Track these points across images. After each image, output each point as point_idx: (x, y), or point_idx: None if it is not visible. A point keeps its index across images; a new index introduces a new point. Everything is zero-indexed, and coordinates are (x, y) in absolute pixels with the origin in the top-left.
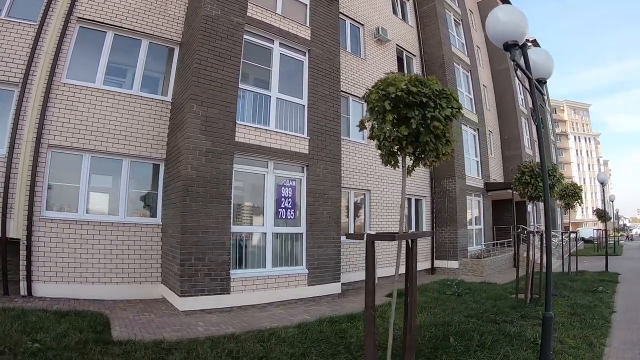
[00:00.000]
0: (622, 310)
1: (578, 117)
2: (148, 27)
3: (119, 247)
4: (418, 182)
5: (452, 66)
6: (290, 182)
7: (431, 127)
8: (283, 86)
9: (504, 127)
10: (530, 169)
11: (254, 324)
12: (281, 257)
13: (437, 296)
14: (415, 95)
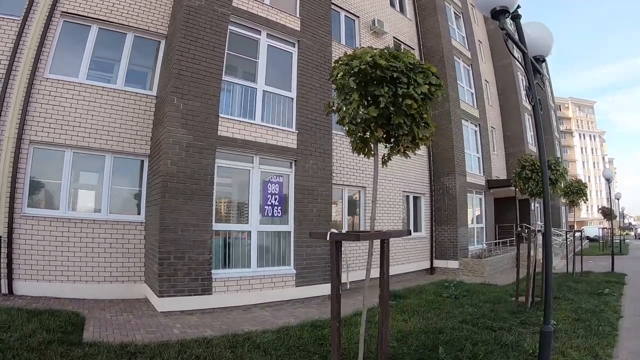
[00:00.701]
0: (630, 315)
1: (583, 115)
2: (133, 20)
3: (101, 245)
4: (416, 179)
5: (452, 60)
6: (277, 178)
7: (404, 106)
8: (270, 78)
9: (507, 123)
10: (531, 162)
11: (234, 327)
12: (267, 256)
13: (433, 299)
14: (385, 70)
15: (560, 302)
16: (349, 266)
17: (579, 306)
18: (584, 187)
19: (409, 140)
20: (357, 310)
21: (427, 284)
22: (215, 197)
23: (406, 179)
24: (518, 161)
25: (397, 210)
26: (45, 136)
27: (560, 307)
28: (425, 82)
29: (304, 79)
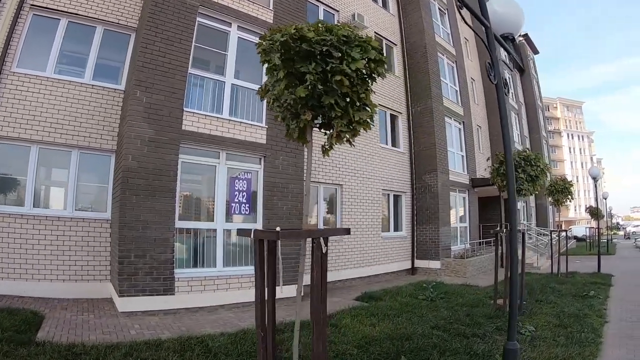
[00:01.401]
0: (616, 320)
1: (571, 115)
2: (103, 13)
3: (66, 242)
4: (397, 177)
5: (436, 55)
6: (246, 175)
7: (334, 84)
8: (240, 72)
9: (493, 122)
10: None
11: (194, 329)
12: (234, 255)
13: (408, 301)
14: (314, 44)
15: (542, 306)
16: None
17: (562, 310)
18: (569, 186)
19: (344, 124)
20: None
21: (406, 285)
22: (178, 194)
23: (386, 176)
24: (496, 157)
25: (375, 209)
26: (11, 131)
27: (541, 312)
28: (362, 56)
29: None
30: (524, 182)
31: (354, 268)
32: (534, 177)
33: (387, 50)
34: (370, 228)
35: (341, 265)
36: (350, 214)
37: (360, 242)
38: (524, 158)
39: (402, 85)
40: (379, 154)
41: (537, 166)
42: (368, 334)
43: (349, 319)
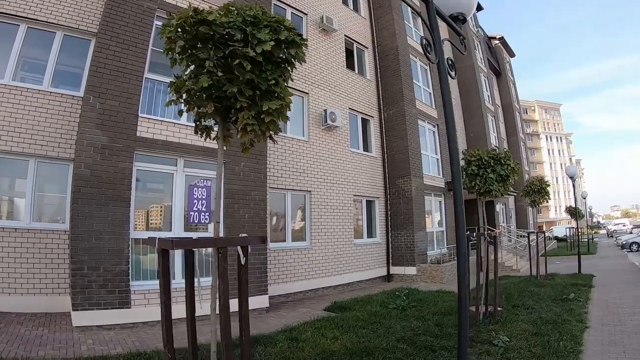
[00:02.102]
0: (598, 325)
1: (549, 117)
2: (63, 19)
3: (23, 255)
4: (370, 182)
5: (408, 58)
6: (205, 182)
7: (235, 70)
8: None
9: (470, 124)
10: (477, 157)
11: (148, 344)
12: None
13: (377, 311)
14: (215, 26)
15: (519, 312)
16: (299, 274)
17: (539, 316)
18: (545, 186)
19: (251, 116)
20: (286, 326)
21: (378, 293)
22: (133, 203)
23: (357, 181)
24: (463, 155)
25: (346, 215)
26: None
27: (517, 319)
28: (271, 37)
29: None
30: (493, 182)
31: (325, 277)
32: (504, 176)
33: (359, 54)
34: (342, 235)
35: (311, 275)
36: (320, 221)
37: (331, 250)
38: (494, 157)
39: (373, 89)
40: (349, 159)
41: (507, 165)
42: (328, 348)
43: (311, 331)
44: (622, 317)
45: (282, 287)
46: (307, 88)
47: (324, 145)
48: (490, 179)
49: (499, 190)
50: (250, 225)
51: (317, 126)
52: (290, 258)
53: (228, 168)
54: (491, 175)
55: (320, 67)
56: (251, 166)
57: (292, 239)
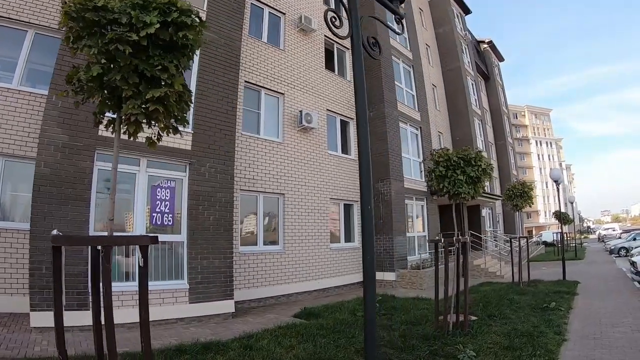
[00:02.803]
0: (577, 337)
1: (539, 122)
2: (35, 17)
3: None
4: (348, 185)
5: (390, 59)
6: (169, 183)
7: (117, 55)
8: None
9: (456, 128)
10: (446, 158)
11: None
12: (156, 269)
13: (344, 319)
14: (103, 11)
15: (493, 322)
16: (265, 279)
17: (515, 327)
18: (528, 190)
19: (137, 105)
20: (246, 333)
21: (352, 300)
22: (94, 204)
23: (335, 184)
24: (431, 156)
25: (322, 219)
26: None
27: (490, 330)
28: (158, 20)
29: (206, 74)
30: (462, 184)
31: (299, 282)
32: (474, 178)
33: (339, 55)
34: (317, 239)
35: (284, 279)
36: (294, 224)
37: (305, 255)
38: (463, 157)
39: (354, 90)
40: (326, 161)
41: (477, 166)
42: (279, 358)
43: (269, 339)
44: (604, 329)
45: (253, 292)
46: (282, 89)
47: (300, 147)
48: (460, 180)
49: (468, 193)
50: (215, 228)
51: (292, 127)
52: (261, 262)
53: (193, 169)
54: (460, 177)
55: (297, 67)
56: (217, 167)
57: (264, 242)
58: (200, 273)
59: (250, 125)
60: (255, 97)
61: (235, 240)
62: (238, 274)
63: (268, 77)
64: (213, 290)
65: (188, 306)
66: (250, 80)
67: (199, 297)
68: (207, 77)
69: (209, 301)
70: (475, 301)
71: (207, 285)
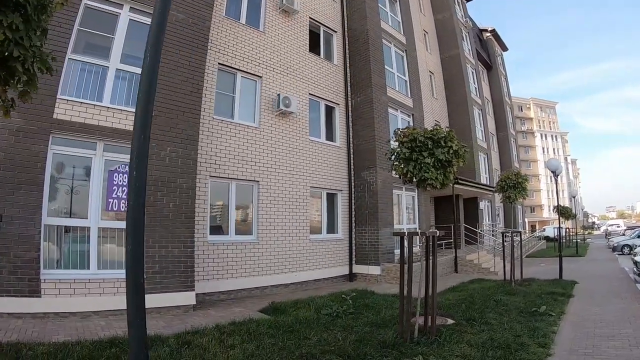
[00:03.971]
0: (564, 351)
1: (545, 115)
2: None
3: None
4: (332, 173)
5: (380, 43)
6: (126, 168)
7: None
8: (128, 56)
9: (454, 117)
10: (411, 137)
11: (46, 335)
12: (112, 257)
13: (307, 316)
14: None
15: (469, 329)
16: (233, 271)
17: (492, 336)
18: (522, 180)
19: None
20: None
21: (326, 295)
22: (48, 188)
23: (317, 172)
24: (395, 134)
25: (301, 208)
26: None
27: (461, 339)
28: None
29: (169, 55)
30: (429, 168)
31: (274, 274)
32: (444, 162)
33: (326, 38)
34: (295, 229)
35: (258, 271)
36: (269, 213)
37: (281, 245)
38: (431, 137)
39: (341, 75)
40: (307, 148)
41: (448, 147)
42: (210, 359)
43: (212, 336)
44: (598, 342)
45: (223, 284)
46: (260, 71)
47: (277, 132)
48: (427, 164)
49: (437, 179)
50: (175, 215)
51: (270, 112)
52: (232, 252)
53: (153, 153)
54: (427, 160)
55: (278, 50)
56: (179, 151)
57: (235, 231)
58: (157, 262)
59: (223, 109)
60: (230, 80)
61: (204, 229)
62: (206, 264)
63: (245, 59)
64: (172, 281)
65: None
66: (224, 62)
67: (156, 287)
68: (172, 58)
69: (167, 292)
70: (458, 301)
71: (166, 275)
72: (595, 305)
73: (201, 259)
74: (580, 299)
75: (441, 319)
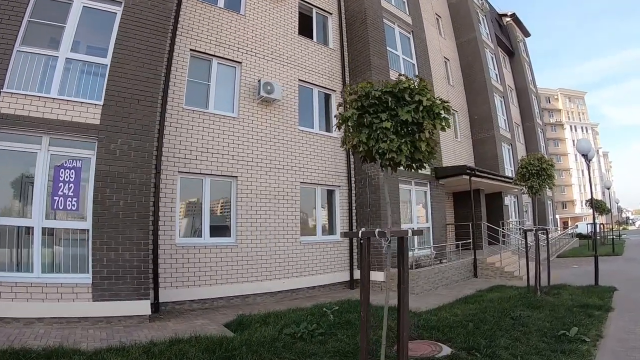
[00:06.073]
0: None
1: (574, 106)
2: None
3: None
4: (327, 167)
5: (380, 23)
6: (74, 163)
7: None
8: (80, 44)
9: (473, 105)
10: (362, 93)
11: None
12: (58, 260)
13: (265, 336)
14: None
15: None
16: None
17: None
18: (548, 167)
19: None
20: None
21: (308, 308)
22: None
23: (308, 166)
24: (345, 91)
25: (288, 206)
26: None
27: None
28: None
29: (125, 40)
30: (388, 135)
31: (257, 281)
32: (411, 125)
33: (320, 21)
34: (282, 231)
35: (237, 278)
36: (250, 212)
37: (266, 249)
38: (391, 91)
39: (337, 59)
40: (297, 140)
41: (416, 103)
42: None
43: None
44: None
45: (196, 292)
46: (239, 57)
47: (259, 122)
48: (385, 130)
49: (400, 152)
50: (126, 215)
51: (250, 100)
52: (206, 257)
53: (102, 146)
54: (386, 124)
55: (261, 34)
56: (132, 143)
57: (210, 233)
58: (106, 267)
59: (196, 99)
60: (205, 67)
61: (172, 230)
62: (174, 269)
63: (221, 44)
64: (122, 287)
65: (91, 304)
66: (197, 48)
67: (104, 294)
68: (128, 44)
69: (116, 300)
70: (465, 318)
71: (116, 281)
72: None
73: (168, 264)
74: (623, 314)
75: (432, 347)
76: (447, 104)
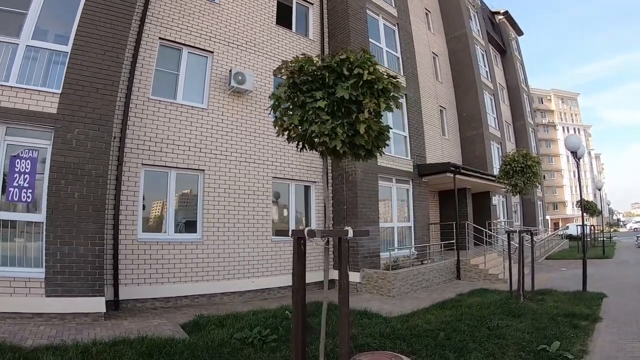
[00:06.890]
0: None
1: (566, 107)
2: None
3: None
4: (303, 161)
5: (363, 14)
6: (30, 153)
7: None
8: (42, 31)
9: (462, 102)
10: (295, 68)
11: None
12: (11, 253)
13: (213, 340)
14: None
15: None
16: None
17: None
18: (533, 164)
19: None
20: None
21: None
22: None
23: (282, 160)
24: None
25: (259, 202)
26: None
27: None
28: None
29: (86, 27)
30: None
31: (224, 280)
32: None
33: (300, 11)
34: (252, 228)
35: (203, 276)
36: (217, 209)
37: (234, 247)
38: (329, 65)
39: (317, 51)
40: (269, 133)
41: (357, 77)
42: None
43: None
44: None
45: (159, 289)
46: (211, 46)
47: (230, 114)
48: (318, 110)
49: (335, 136)
50: (81, 207)
51: (221, 91)
52: (169, 253)
53: (58, 136)
54: (320, 104)
55: (235, 23)
56: (89, 133)
57: (175, 229)
58: (59, 261)
59: (163, 89)
60: (175, 56)
61: (134, 225)
62: (136, 266)
63: (192, 33)
64: (76, 283)
65: (45, 300)
66: (167, 37)
67: (57, 290)
68: (90, 30)
69: (70, 296)
70: (438, 326)
71: (69, 276)
72: (634, 338)
73: (129, 260)
74: (612, 326)
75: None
76: (395, 80)
